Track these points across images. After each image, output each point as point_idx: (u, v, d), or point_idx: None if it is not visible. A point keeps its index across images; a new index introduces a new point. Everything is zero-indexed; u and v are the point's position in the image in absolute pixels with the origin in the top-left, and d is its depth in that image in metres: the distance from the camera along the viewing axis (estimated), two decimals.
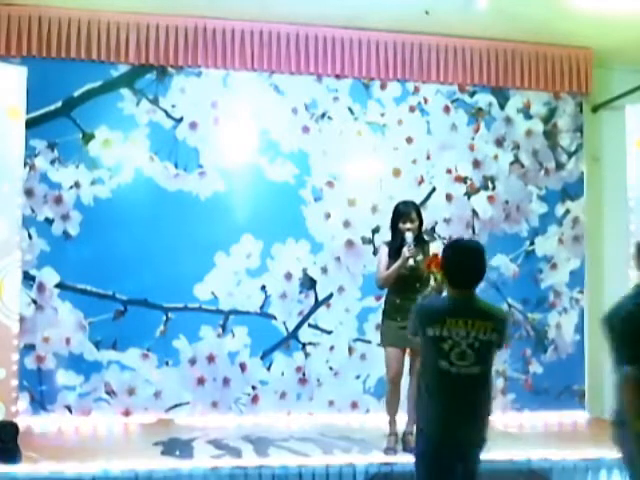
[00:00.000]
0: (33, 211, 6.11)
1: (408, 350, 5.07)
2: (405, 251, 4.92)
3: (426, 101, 6.80)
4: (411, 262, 4.90)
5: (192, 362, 6.28)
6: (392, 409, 5.12)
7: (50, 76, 6.09)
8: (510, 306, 6.80)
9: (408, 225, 5.04)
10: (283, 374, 6.42)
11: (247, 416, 6.29)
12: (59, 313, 6.12)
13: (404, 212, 5.11)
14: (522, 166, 6.96)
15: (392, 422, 5.11)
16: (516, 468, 4.78)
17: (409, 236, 4.98)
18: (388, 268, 5.08)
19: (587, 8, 5.90)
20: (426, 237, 5.59)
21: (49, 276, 6.11)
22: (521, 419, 6.58)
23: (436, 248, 5.17)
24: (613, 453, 4.93)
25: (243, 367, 6.37)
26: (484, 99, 6.91)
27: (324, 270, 6.55)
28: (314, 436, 5.57)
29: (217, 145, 6.48)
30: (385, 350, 5.14)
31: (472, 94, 6.89)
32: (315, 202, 6.58)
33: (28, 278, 5.98)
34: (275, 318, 6.46)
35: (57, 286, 6.12)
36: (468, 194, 6.84)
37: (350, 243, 6.59)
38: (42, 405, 6.03)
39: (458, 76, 6.78)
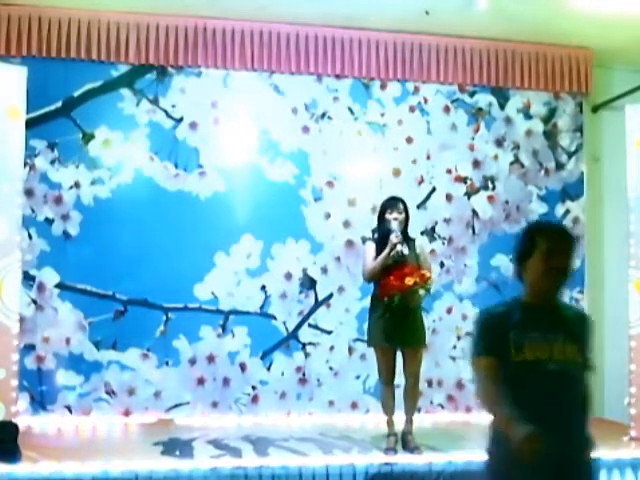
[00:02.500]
0: (33, 211, 6.11)
1: (399, 350, 5.05)
2: (392, 237, 4.89)
3: (426, 101, 6.80)
4: (399, 248, 4.88)
5: (192, 362, 6.28)
6: (389, 410, 5.10)
7: (50, 76, 6.09)
8: None
9: (395, 215, 5.01)
10: (283, 374, 6.42)
11: (247, 416, 6.29)
12: (59, 313, 6.12)
13: (391, 203, 5.10)
14: (522, 166, 6.96)
15: (390, 422, 5.10)
16: None
17: (395, 225, 4.96)
18: None
19: (587, 8, 5.90)
20: (422, 238, 5.59)
21: (49, 276, 6.11)
22: None
23: (420, 247, 5.17)
24: (613, 453, 4.97)
25: (243, 367, 6.37)
26: (484, 99, 6.91)
27: (324, 270, 6.55)
28: (314, 436, 5.56)
29: (217, 145, 6.48)
30: (375, 350, 5.11)
31: (472, 94, 6.89)
32: (315, 202, 6.57)
33: (28, 278, 5.98)
34: (275, 318, 6.45)
35: (57, 286, 6.12)
36: (468, 194, 6.84)
37: (350, 243, 6.59)
38: (42, 405, 6.03)
39: (458, 76, 6.78)
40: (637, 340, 5.59)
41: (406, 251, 4.96)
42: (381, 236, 5.08)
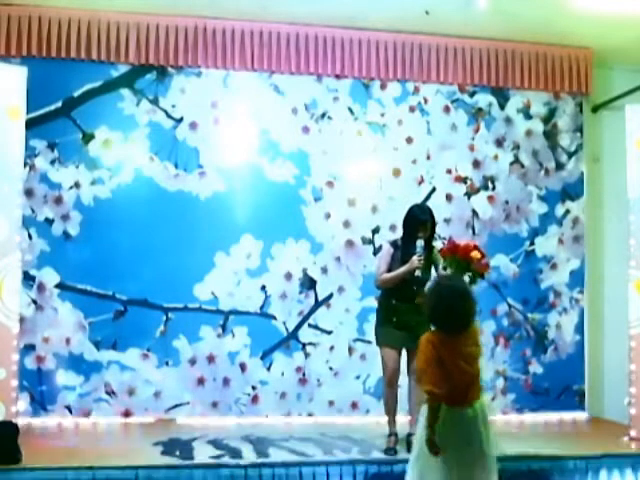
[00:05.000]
0: (33, 211, 6.11)
1: (404, 350, 5.07)
2: (415, 260, 4.89)
3: (426, 101, 6.80)
4: (418, 273, 4.89)
5: (192, 362, 6.28)
6: (390, 410, 5.11)
7: (50, 76, 6.09)
8: (510, 306, 6.81)
9: (421, 233, 4.98)
10: (283, 374, 6.42)
11: (247, 416, 6.29)
12: (59, 313, 6.12)
13: (421, 220, 5.03)
14: (522, 166, 6.96)
15: (391, 422, 5.10)
16: (516, 468, 4.77)
17: (420, 244, 4.94)
18: (389, 269, 5.05)
19: (587, 8, 5.90)
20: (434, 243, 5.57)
21: (49, 276, 6.11)
22: (521, 419, 6.60)
23: (436, 254, 5.15)
24: (613, 453, 4.98)
25: (243, 367, 6.37)
26: (484, 99, 6.91)
27: (324, 270, 6.55)
28: (314, 436, 5.56)
29: (217, 145, 6.48)
30: (381, 350, 5.13)
31: (472, 94, 6.89)
32: (315, 202, 6.58)
33: (28, 278, 5.98)
34: (275, 318, 6.46)
35: (57, 286, 6.12)
36: (468, 194, 6.84)
37: (350, 243, 6.59)
38: (42, 405, 6.03)
39: (458, 76, 6.78)
40: (637, 340, 5.59)
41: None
42: (406, 250, 5.01)
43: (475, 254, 4.78)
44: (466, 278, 4.76)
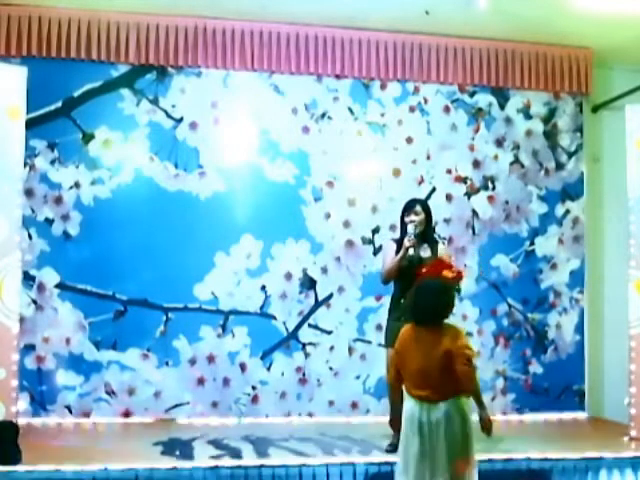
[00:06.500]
0: (33, 211, 6.11)
1: None
2: (405, 241, 4.98)
3: (426, 101, 6.80)
4: (411, 252, 4.94)
5: (192, 362, 6.28)
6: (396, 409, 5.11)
7: (50, 76, 6.09)
8: (510, 306, 6.81)
9: (412, 217, 5.09)
10: (283, 374, 6.42)
11: (247, 416, 6.29)
12: (59, 313, 6.12)
13: (409, 206, 5.18)
14: (522, 166, 6.96)
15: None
16: (516, 468, 4.77)
17: (411, 227, 5.04)
18: None
19: (587, 8, 5.90)
20: (437, 238, 5.57)
21: (49, 276, 6.11)
22: (521, 419, 6.60)
23: (441, 251, 5.17)
24: (613, 453, 4.98)
25: (243, 367, 6.37)
26: (484, 99, 6.91)
27: (324, 270, 6.55)
28: (314, 436, 5.56)
29: (217, 145, 6.48)
30: (387, 351, 5.12)
31: (472, 94, 6.89)
32: (315, 202, 6.58)
33: (28, 278, 5.98)
34: (275, 318, 6.45)
35: (57, 286, 6.12)
36: (468, 194, 6.84)
37: (350, 243, 6.59)
38: (42, 405, 6.03)
39: (458, 76, 6.78)
40: (637, 340, 5.59)
41: (424, 254, 5.00)
42: (400, 238, 5.16)
43: (446, 273, 4.77)
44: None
